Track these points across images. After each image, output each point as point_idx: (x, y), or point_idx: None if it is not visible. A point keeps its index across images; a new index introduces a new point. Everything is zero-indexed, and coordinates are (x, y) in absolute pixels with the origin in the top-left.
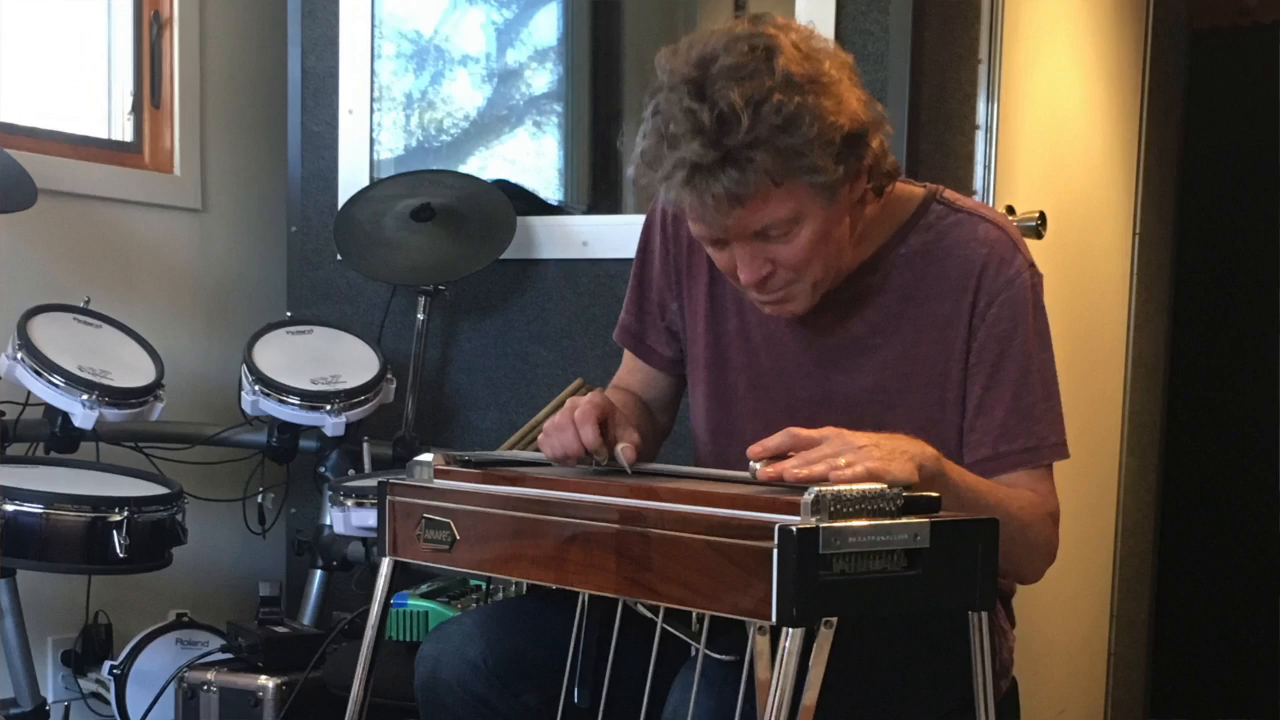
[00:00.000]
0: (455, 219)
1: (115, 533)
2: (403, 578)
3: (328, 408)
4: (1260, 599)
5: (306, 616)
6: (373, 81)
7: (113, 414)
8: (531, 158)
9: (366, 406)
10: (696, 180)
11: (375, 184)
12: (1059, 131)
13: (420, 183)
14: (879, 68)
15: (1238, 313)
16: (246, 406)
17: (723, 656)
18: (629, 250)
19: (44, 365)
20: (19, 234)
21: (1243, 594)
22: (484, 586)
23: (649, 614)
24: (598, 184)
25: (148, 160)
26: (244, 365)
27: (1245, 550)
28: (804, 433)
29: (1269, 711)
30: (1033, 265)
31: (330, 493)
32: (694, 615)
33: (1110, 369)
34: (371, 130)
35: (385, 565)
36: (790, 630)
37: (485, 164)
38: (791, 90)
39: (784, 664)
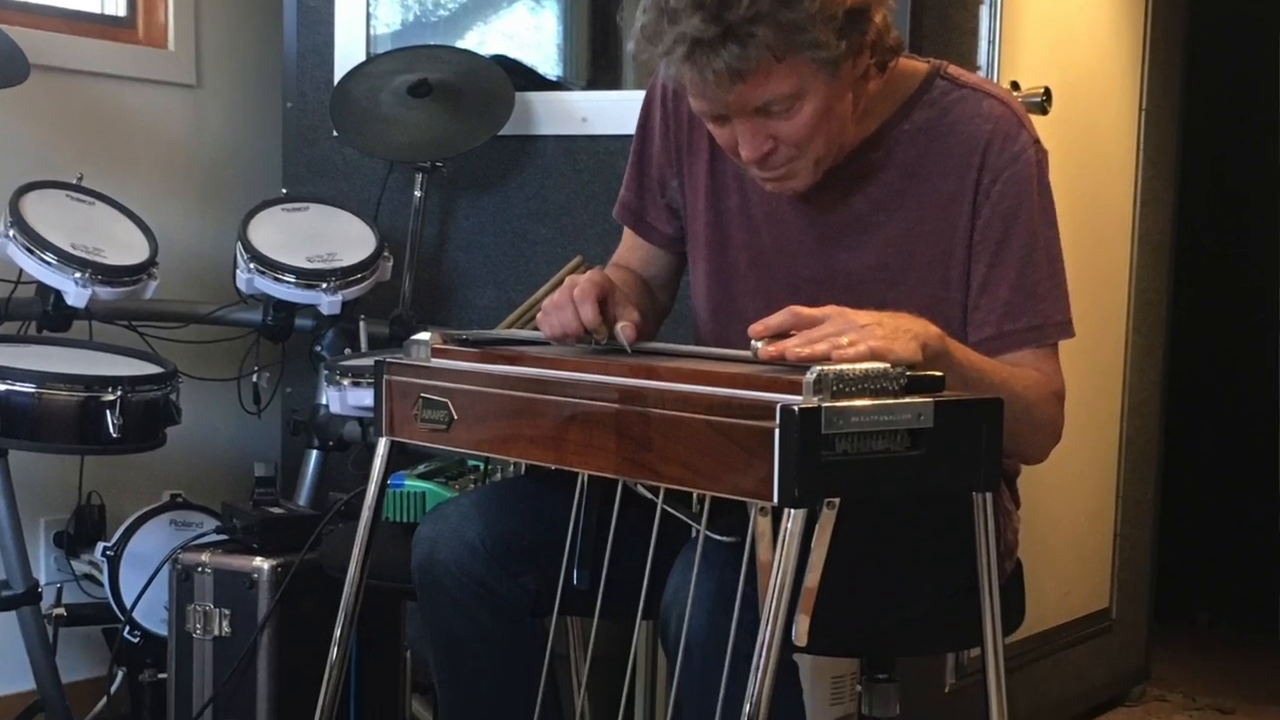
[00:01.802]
0: (453, 95)
1: (108, 412)
2: (400, 458)
3: (324, 286)
4: (1267, 476)
5: (302, 497)
6: None
7: (106, 292)
8: (530, 32)
9: (363, 284)
10: (697, 55)
11: (372, 59)
12: (1064, 5)
13: (417, 58)
14: None
15: (1245, 188)
16: (241, 285)
17: (724, 538)
18: (629, 126)
19: (36, 243)
20: (11, 110)
21: (1249, 472)
22: (482, 467)
23: (649, 495)
24: (597, 59)
25: (141, 35)
26: (239, 243)
27: (1252, 428)
28: (806, 311)
29: (1275, 590)
30: (1038, 141)
31: (326, 372)
32: (694, 496)
33: (1116, 246)
34: (368, 4)
35: (382, 445)
36: (792, 511)
37: (483, 39)
38: None
39: (785, 546)
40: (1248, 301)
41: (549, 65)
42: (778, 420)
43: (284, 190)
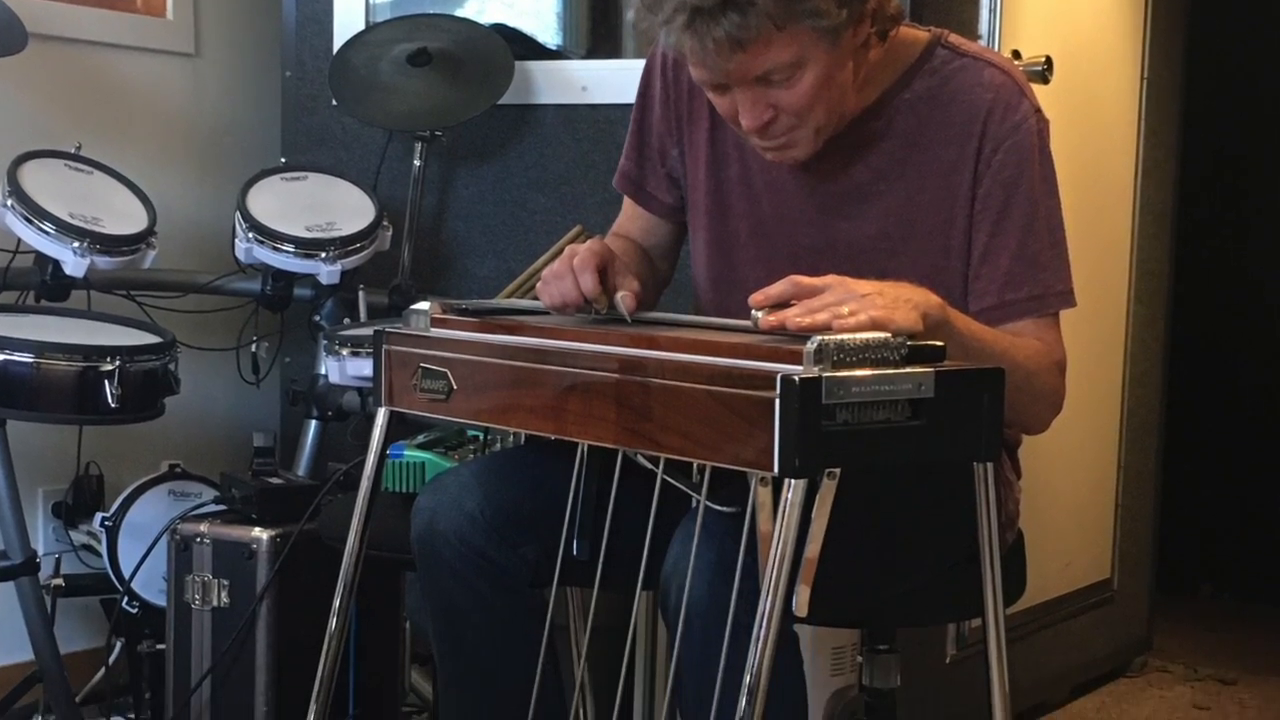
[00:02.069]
0: (452, 63)
1: (107, 382)
2: (399, 428)
3: (323, 255)
4: (1269, 447)
5: (301, 467)
6: None
7: (104, 262)
8: (529, 1)
9: (362, 254)
10: (697, 24)
11: (371, 28)
12: None
13: (417, 27)
14: None
15: (1247, 157)
16: (240, 254)
17: (724, 508)
18: (629, 95)
19: (34, 212)
20: (9, 79)
21: (1252, 443)
22: (481, 437)
23: (649, 465)
24: (597, 28)
25: (140, 4)
26: (238, 212)
27: (1254, 398)
28: (806, 280)
29: (1277, 561)
30: (1039, 111)
31: (325, 342)
32: (694, 466)
33: (1118, 216)
34: None
35: (381, 415)
36: (792, 482)
37: (482, 7)
38: None
39: (786, 516)
40: (1250, 270)
41: (548, 34)
42: (778, 390)
43: (283, 159)
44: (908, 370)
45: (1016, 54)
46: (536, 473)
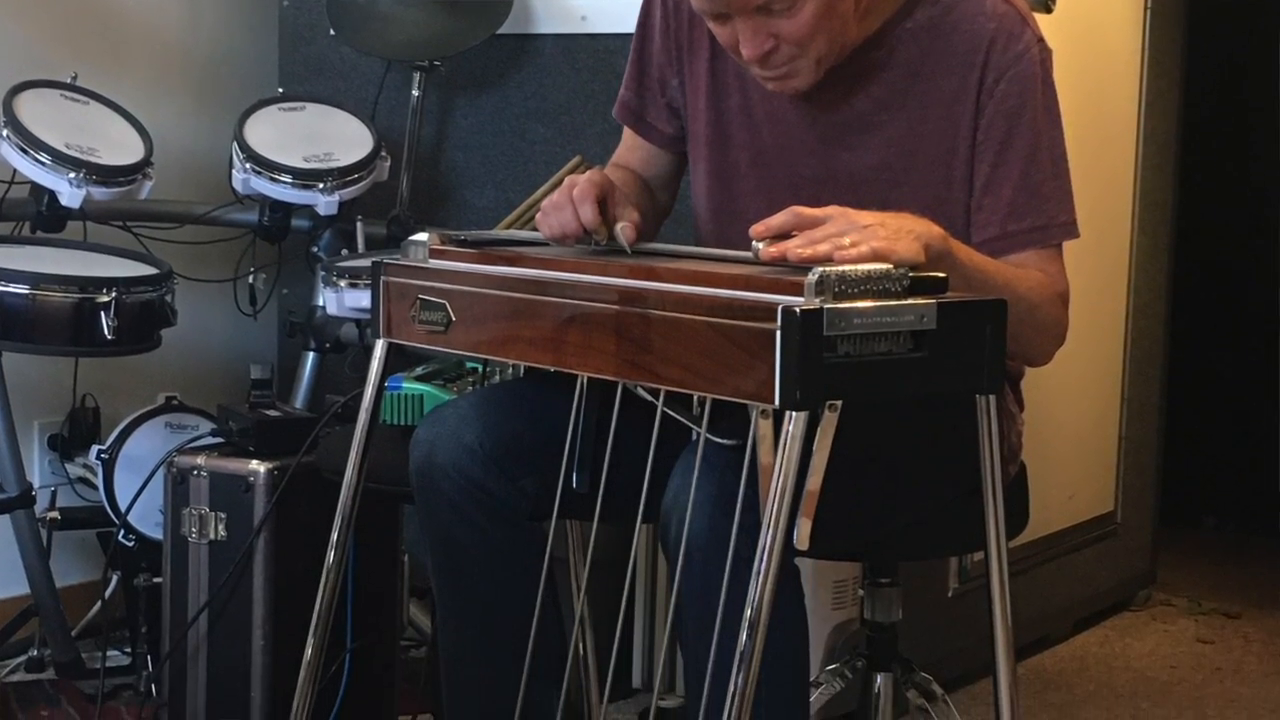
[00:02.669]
0: None
1: (103, 313)
2: (397, 360)
3: (320, 186)
4: (1272, 380)
5: (299, 400)
6: None
7: (100, 192)
8: None
9: (360, 185)
10: None
11: None
12: None
13: None
14: None
15: (1250, 87)
16: (237, 185)
17: (724, 441)
18: (629, 25)
19: (30, 142)
20: (5, 8)
21: (1256, 374)
22: (480, 369)
23: (649, 397)
24: None
25: None
26: (235, 142)
27: (1258, 329)
28: (808, 211)
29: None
30: (1042, 40)
31: (323, 273)
32: (695, 398)
33: (1121, 146)
34: None
35: (379, 347)
36: (793, 414)
37: None
38: None
39: (787, 449)
40: (1253, 200)
41: None
42: (779, 322)
43: (280, 89)
44: (910, 302)
45: None
46: (536, 405)
